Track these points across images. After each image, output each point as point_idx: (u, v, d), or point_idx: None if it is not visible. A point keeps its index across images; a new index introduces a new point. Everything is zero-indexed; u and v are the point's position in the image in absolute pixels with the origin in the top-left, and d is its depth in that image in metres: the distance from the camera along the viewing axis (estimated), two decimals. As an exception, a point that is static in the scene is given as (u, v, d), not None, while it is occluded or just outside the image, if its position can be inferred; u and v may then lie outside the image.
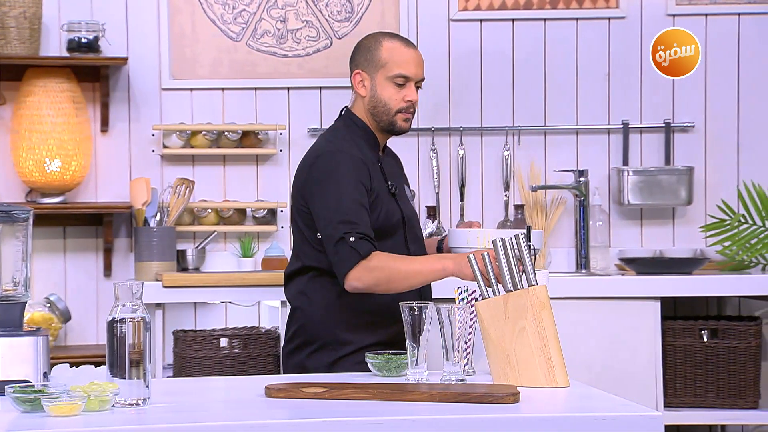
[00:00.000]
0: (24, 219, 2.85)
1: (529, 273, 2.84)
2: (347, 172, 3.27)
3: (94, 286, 4.80)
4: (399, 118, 3.40)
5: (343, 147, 3.34)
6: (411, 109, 3.40)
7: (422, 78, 3.43)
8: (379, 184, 3.36)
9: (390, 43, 3.39)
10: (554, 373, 2.77)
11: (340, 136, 3.41)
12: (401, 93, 3.38)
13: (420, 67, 3.41)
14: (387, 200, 3.37)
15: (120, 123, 4.81)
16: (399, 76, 3.37)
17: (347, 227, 3.19)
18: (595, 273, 4.79)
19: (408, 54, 3.39)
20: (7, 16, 4.53)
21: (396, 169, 3.56)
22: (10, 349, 2.75)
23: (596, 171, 4.95)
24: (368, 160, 3.36)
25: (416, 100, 3.41)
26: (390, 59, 3.38)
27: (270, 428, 2.40)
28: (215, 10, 4.87)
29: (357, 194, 3.25)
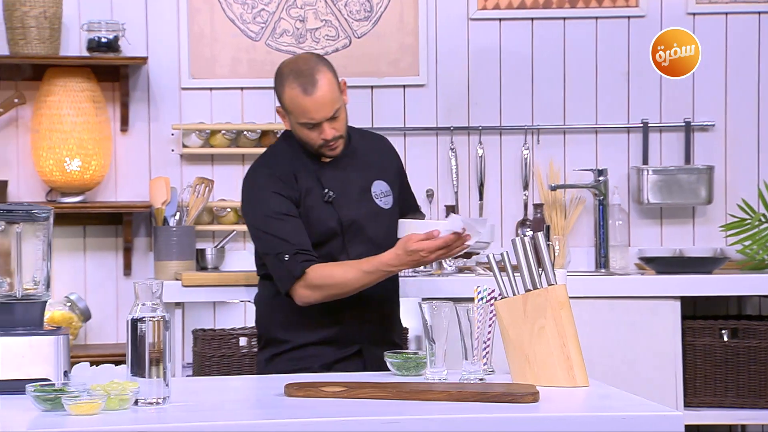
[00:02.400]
0: (44, 218, 2.86)
1: (549, 272, 2.84)
2: (265, 188, 3.35)
3: (114, 286, 4.81)
4: (324, 150, 3.38)
5: (262, 162, 3.43)
6: (331, 143, 3.35)
7: (333, 113, 3.33)
8: (311, 192, 3.37)
9: (291, 91, 3.32)
10: (574, 372, 2.76)
11: (269, 152, 3.47)
12: (315, 133, 3.34)
13: (324, 109, 3.31)
14: (320, 208, 3.37)
15: (139, 122, 4.82)
16: (305, 124, 3.33)
17: (277, 245, 3.30)
18: (615, 272, 4.78)
19: (307, 102, 3.30)
20: (28, 16, 4.55)
21: (356, 169, 3.47)
22: (30, 348, 2.76)
23: (616, 170, 4.94)
24: (300, 169, 3.37)
25: (332, 135, 3.33)
26: (292, 109, 3.33)
27: (289, 427, 2.40)
28: (234, 9, 4.88)
29: (279, 207, 3.31)
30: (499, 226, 4.96)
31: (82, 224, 4.78)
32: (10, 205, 2.86)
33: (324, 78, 3.30)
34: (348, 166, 3.46)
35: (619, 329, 4.36)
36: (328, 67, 3.35)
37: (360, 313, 3.40)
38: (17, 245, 2.83)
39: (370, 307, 3.41)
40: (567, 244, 4.89)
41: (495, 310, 2.88)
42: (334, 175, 3.42)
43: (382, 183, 3.49)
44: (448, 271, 4.75)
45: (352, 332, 3.38)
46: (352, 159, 3.47)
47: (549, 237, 4.79)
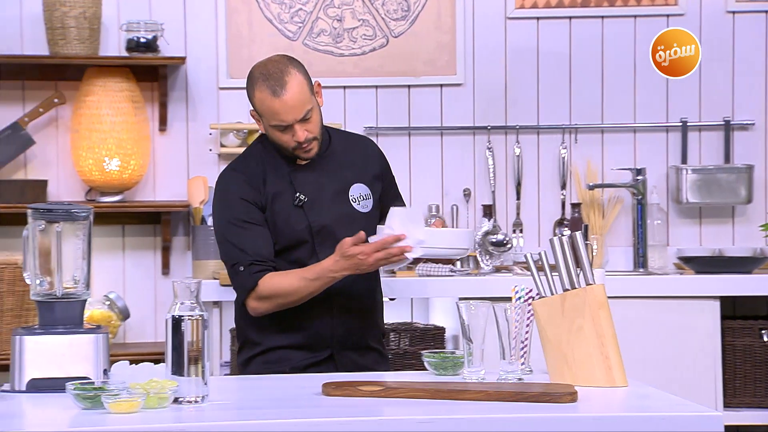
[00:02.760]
0: (84, 218, 2.88)
1: (587, 271, 2.82)
2: (230, 192, 3.34)
3: (152, 284, 4.84)
4: (299, 152, 3.33)
5: (233, 165, 3.41)
6: (305, 144, 3.30)
7: (304, 115, 3.27)
8: (280, 196, 3.33)
9: (260, 94, 3.26)
10: (612, 372, 2.75)
11: (243, 154, 3.44)
12: (288, 135, 3.29)
13: (293, 111, 3.25)
14: (288, 213, 3.33)
15: (178, 122, 4.85)
16: (277, 126, 3.28)
17: (235, 255, 3.29)
18: (653, 272, 4.76)
19: (276, 104, 3.24)
20: (67, 17, 4.58)
21: (333, 172, 3.40)
22: (70, 347, 2.78)
23: (654, 169, 4.92)
24: (271, 172, 3.34)
25: (305, 137, 3.28)
26: (263, 111, 3.28)
27: (327, 426, 2.40)
28: (272, 9, 4.89)
29: (242, 213, 3.30)
30: (537, 225, 4.95)
31: (120, 223, 4.81)
32: (51, 205, 2.88)
33: (293, 80, 3.26)
34: (324, 168, 3.39)
35: (658, 329, 4.34)
36: (298, 69, 3.31)
37: (330, 319, 3.34)
38: (57, 244, 2.85)
39: (341, 312, 3.35)
40: (605, 243, 4.87)
41: (533, 309, 2.87)
42: (307, 178, 3.36)
43: (361, 186, 3.41)
44: (485, 271, 4.75)
45: (322, 337, 3.33)
46: (330, 162, 3.41)
47: (587, 236, 4.77)
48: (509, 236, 4.82)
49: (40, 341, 2.78)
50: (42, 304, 2.84)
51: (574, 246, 2.84)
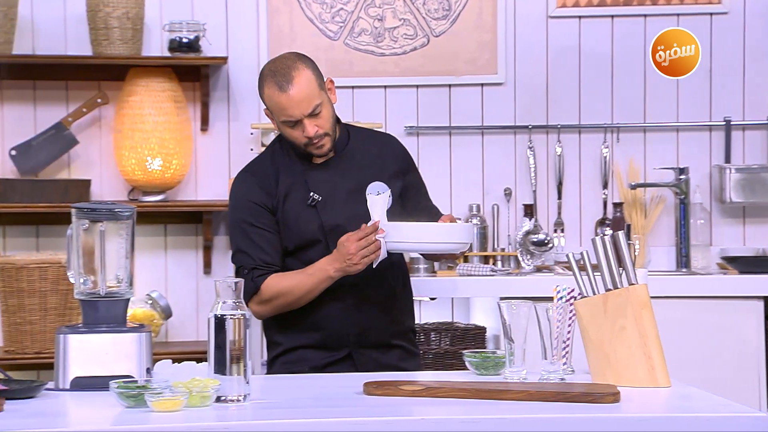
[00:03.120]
0: (127, 217, 2.90)
1: (629, 271, 2.81)
2: (241, 194, 3.38)
3: (194, 284, 4.86)
4: (311, 149, 3.33)
5: (247, 167, 3.46)
6: (316, 140, 3.30)
7: (312, 110, 3.27)
8: (293, 196, 3.34)
9: (268, 90, 3.28)
10: (655, 372, 2.73)
11: (260, 155, 3.50)
12: (298, 131, 3.30)
13: (301, 105, 3.26)
14: (301, 212, 3.33)
15: (219, 122, 4.87)
16: (286, 122, 3.30)
17: (240, 258, 3.35)
18: (696, 272, 4.73)
19: (283, 99, 3.26)
20: (111, 17, 4.61)
21: (350, 170, 3.39)
22: (113, 345, 2.80)
23: (697, 168, 4.89)
24: (284, 171, 3.35)
25: (315, 132, 3.28)
26: (272, 108, 3.30)
27: (368, 426, 2.41)
28: (313, 9, 4.90)
29: (249, 216, 3.34)
30: (578, 225, 4.93)
31: (162, 223, 4.83)
32: (94, 204, 2.90)
33: (300, 75, 3.28)
34: (340, 167, 3.39)
35: (701, 329, 4.32)
36: (306, 64, 3.33)
37: (345, 318, 3.34)
38: (101, 243, 2.87)
39: (356, 311, 3.34)
40: (647, 243, 4.85)
41: (574, 309, 2.86)
42: (322, 178, 3.37)
43: (379, 184, 3.39)
44: (526, 271, 4.74)
45: (338, 336, 3.33)
46: (347, 160, 3.40)
47: (629, 236, 4.75)
48: (550, 236, 4.81)
49: (84, 340, 2.80)
50: (86, 303, 2.86)
51: (616, 246, 2.83)
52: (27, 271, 4.41)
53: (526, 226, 4.82)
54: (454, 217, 3.41)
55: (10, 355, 4.46)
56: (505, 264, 4.84)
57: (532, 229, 4.81)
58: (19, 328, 4.45)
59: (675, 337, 4.17)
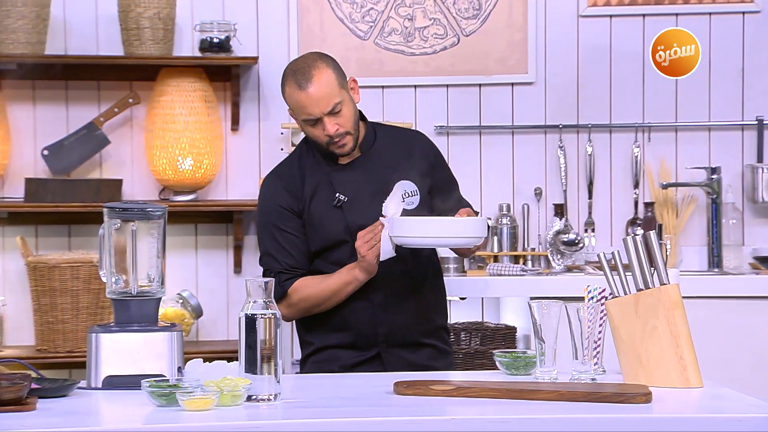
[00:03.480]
0: (159, 216, 2.91)
1: (661, 271, 2.80)
2: (268, 197, 3.40)
3: (225, 283, 4.87)
4: (333, 148, 3.32)
5: (275, 169, 3.47)
6: (336, 138, 3.30)
7: (332, 108, 3.27)
8: (318, 197, 3.35)
9: (289, 89, 3.29)
10: (687, 373, 2.72)
11: (287, 157, 3.51)
12: (319, 129, 3.29)
13: (320, 103, 3.26)
14: (327, 214, 3.34)
15: (250, 122, 4.88)
16: (306, 120, 3.30)
17: (268, 261, 3.37)
18: (728, 272, 4.71)
19: (302, 98, 3.26)
20: (142, 17, 4.63)
21: (376, 170, 3.38)
22: (145, 344, 2.81)
23: (729, 168, 4.86)
24: (310, 173, 3.36)
25: (335, 131, 3.28)
26: (293, 106, 3.30)
27: (399, 426, 2.41)
28: (343, 9, 4.90)
29: (276, 219, 3.35)
30: (609, 224, 4.91)
31: (193, 222, 4.85)
32: (126, 204, 2.91)
33: (320, 73, 3.27)
34: (366, 167, 3.39)
35: (733, 329, 4.29)
36: (327, 63, 3.32)
37: (372, 317, 3.33)
38: (132, 243, 2.88)
39: (383, 310, 3.33)
40: (678, 243, 4.82)
41: (606, 309, 2.85)
42: (347, 178, 3.36)
43: (407, 183, 3.36)
44: (557, 270, 4.73)
45: (366, 336, 3.32)
46: (373, 160, 3.40)
47: (661, 236, 4.73)
48: (581, 236, 4.79)
49: (116, 339, 2.81)
50: (117, 302, 2.87)
51: (648, 245, 2.82)
52: (59, 271, 4.44)
53: (556, 225, 4.80)
54: (473, 211, 3.38)
55: (43, 354, 4.49)
56: (535, 264, 4.83)
57: (563, 228, 4.79)
58: (51, 327, 4.48)
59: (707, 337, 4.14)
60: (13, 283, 4.73)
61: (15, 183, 4.73)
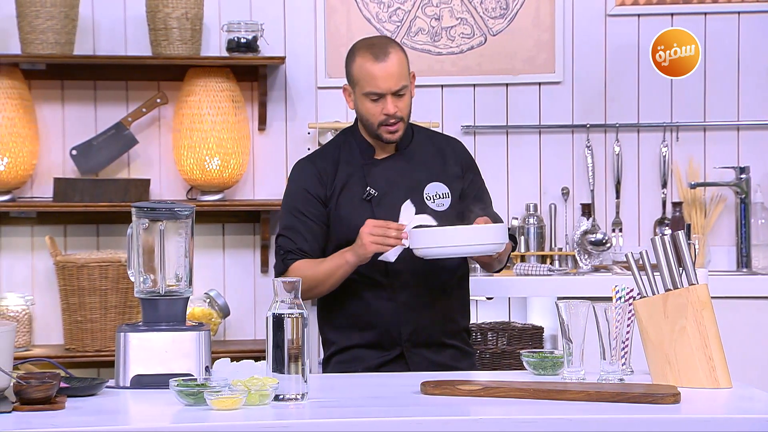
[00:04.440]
0: (187, 216, 2.92)
1: (690, 271, 2.79)
2: (298, 181, 3.41)
3: (252, 283, 4.88)
4: (383, 131, 3.33)
5: (310, 155, 3.50)
6: (392, 121, 3.30)
7: (399, 89, 3.29)
8: (349, 189, 3.35)
9: (361, 59, 3.30)
10: (716, 373, 2.71)
11: (326, 143, 3.52)
12: (378, 107, 3.29)
13: (390, 80, 3.28)
14: (354, 206, 3.34)
15: (277, 122, 4.89)
16: (371, 93, 3.29)
17: (282, 241, 3.38)
18: (758, 272, 4.68)
19: (376, 69, 3.28)
20: (170, 18, 4.64)
21: (410, 170, 3.39)
22: (173, 343, 2.82)
23: (759, 167, 4.83)
24: (345, 163, 3.37)
25: (394, 111, 3.29)
26: (360, 77, 3.30)
27: (426, 426, 2.41)
28: (370, 9, 4.90)
29: (301, 204, 3.37)
30: (636, 224, 4.90)
31: (220, 222, 4.86)
32: (154, 203, 2.92)
33: (396, 53, 3.32)
34: (400, 164, 3.41)
35: (763, 329, 4.27)
36: (400, 48, 3.37)
37: (397, 317, 3.32)
38: (160, 242, 2.89)
39: (408, 310, 3.32)
40: (707, 243, 4.80)
41: (633, 309, 2.84)
42: (381, 173, 3.38)
43: (439, 185, 3.39)
44: (584, 270, 4.71)
45: (390, 336, 3.32)
46: (408, 158, 3.42)
47: (689, 236, 4.71)
48: (608, 235, 4.78)
49: (144, 338, 2.82)
50: (146, 302, 2.88)
51: (676, 245, 2.81)
52: (87, 270, 4.46)
53: (583, 225, 4.79)
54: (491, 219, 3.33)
55: (71, 353, 4.51)
56: (562, 264, 4.81)
57: (590, 228, 4.78)
58: (79, 327, 4.50)
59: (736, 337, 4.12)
60: (41, 283, 4.75)
61: (44, 183, 4.76)
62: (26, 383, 2.49)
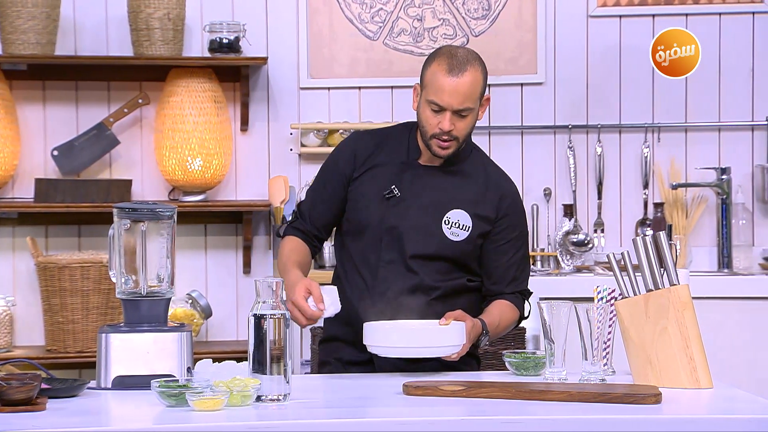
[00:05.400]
0: (168, 217, 2.91)
1: (671, 272, 2.80)
2: (336, 150, 3.39)
3: (234, 283, 4.87)
4: (434, 143, 3.18)
5: (363, 131, 3.45)
6: (444, 137, 3.15)
7: (462, 109, 3.13)
8: (374, 182, 3.25)
9: (437, 66, 3.15)
10: (697, 373, 2.72)
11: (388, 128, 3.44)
12: (436, 119, 3.15)
13: (456, 98, 3.12)
14: (374, 198, 3.23)
15: (259, 122, 4.88)
16: (432, 103, 3.15)
17: (302, 204, 3.39)
18: (738, 272, 4.70)
19: (446, 82, 3.12)
20: (152, 18, 4.63)
21: (444, 187, 3.24)
22: (155, 344, 2.81)
23: (739, 168, 4.85)
24: (384, 155, 3.28)
25: (449, 129, 3.13)
26: (430, 83, 3.15)
27: (409, 426, 2.41)
28: (353, 9, 4.90)
29: (326, 174, 3.35)
30: (618, 225, 4.91)
31: (203, 223, 4.85)
32: (136, 204, 2.91)
33: (473, 72, 3.16)
34: (437, 179, 3.25)
35: (744, 330, 4.29)
36: (481, 68, 3.20)
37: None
38: (142, 243, 2.88)
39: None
40: (688, 243, 4.81)
41: (615, 310, 2.84)
42: (413, 178, 3.25)
43: (464, 214, 3.22)
44: (566, 271, 4.72)
45: None
46: (447, 176, 3.26)
47: (670, 236, 4.72)
48: (590, 236, 4.79)
49: (126, 339, 2.82)
50: (127, 302, 2.88)
51: (657, 246, 2.82)
52: (69, 271, 4.45)
53: (565, 226, 4.80)
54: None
55: (53, 354, 4.49)
56: (544, 264, 4.82)
57: (572, 229, 4.79)
58: (61, 328, 4.49)
59: (717, 338, 4.15)
60: (23, 284, 4.74)
61: (25, 183, 4.74)
62: (7, 384, 2.48)
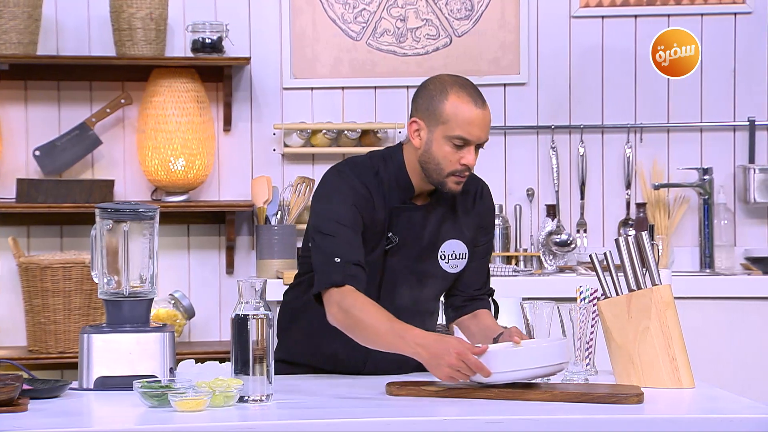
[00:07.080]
0: (150, 217, 2.91)
1: (653, 272, 2.80)
2: (346, 196, 2.99)
3: (217, 284, 4.87)
4: (450, 180, 2.97)
5: (355, 170, 3.05)
6: (465, 173, 2.97)
7: (485, 140, 2.98)
8: (375, 228, 3.00)
9: (458, 99, 2.93)
10: (679, 373, 2.73)
11: (367, 162, 3.08)
12: (458, 155, 2.94)
13: (485, 130, 2.96)
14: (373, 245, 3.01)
15: (242, 122, 4.87)
16: (459, 138, 2.93)
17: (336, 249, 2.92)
18: (720, 272, 4.71)
19: (474, 114, 2.92)
20: (134, 18, 4.62)
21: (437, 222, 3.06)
22: (137, 345, 2.81)
23: (721, 169, 4.87)
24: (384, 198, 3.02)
25: (472, 164, 2.97)
26: (453, 117, 2.92)
27: (393, 426, 2.41)
28: (336, 9, 4.90)
29: (351, 218, 2.96)
30: (601, 225, 4.92)
31: (185, 223, 4.85)
32: (118, 204, 2.91)
33: (486, 102, 3.02)
34: (430, 215, 3.07)
35: (725, 330, 4.30)
36: None
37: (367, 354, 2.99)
38: (124, 243, 2.88)
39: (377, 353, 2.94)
40: (671, 243, 4.83)
41: (598, 310, 2.85)
42: (408, 221, 3.04)
43: (458, 244, 3.09)
44: (549, 271, 4.73)
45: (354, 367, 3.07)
46: (438, 208, 3.08)
47: (653, 237, 4.74)
48: (573, 236, 4.80)
49: (108, 339, 2.81)
50: (109, 303, 2.87)
51: (639, 246, 2.82)
52: (51, 271, 4.43)
53: (548, 226, 4.81)
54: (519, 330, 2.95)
55: (35, 354, 4.48)
56: (527, 264, 4.83)
57: (555, 229, 4.80)
58: (43, 328, 4.47)
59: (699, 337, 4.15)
60: (4, 284, 4.72)
61: (7, 183, 4.73)
62: (-12, 385, 2.47)
